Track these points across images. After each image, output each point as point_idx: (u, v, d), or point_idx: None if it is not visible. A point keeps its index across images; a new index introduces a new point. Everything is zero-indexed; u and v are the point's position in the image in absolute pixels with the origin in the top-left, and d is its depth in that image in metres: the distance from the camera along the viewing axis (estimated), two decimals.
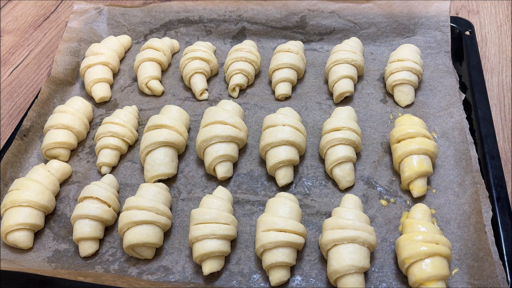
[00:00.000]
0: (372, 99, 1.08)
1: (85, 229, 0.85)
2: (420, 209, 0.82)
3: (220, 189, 0.89)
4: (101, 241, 0.89)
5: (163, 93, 1.16)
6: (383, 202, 0.89)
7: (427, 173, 0.88)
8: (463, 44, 1.13)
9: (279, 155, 0.91)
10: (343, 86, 1.05)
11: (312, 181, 0.94)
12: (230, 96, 1.13)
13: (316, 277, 0.80)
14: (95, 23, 1.29)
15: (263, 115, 1.07)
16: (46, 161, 1.01)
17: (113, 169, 1.01)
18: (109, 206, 0.88)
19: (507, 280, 0.73)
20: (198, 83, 1.13)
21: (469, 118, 0.98)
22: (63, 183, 0.99)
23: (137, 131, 1.07)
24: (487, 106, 0.99)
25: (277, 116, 0.96)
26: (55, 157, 1.01)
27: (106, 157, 0.99)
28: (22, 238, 0.87)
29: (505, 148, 1.00)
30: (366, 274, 0.79)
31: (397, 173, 0.93)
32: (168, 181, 0.97)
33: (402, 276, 0.78)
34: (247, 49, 1.14)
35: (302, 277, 0.81)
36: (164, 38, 1.25)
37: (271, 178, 0.95)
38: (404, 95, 1.05)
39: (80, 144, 1.07)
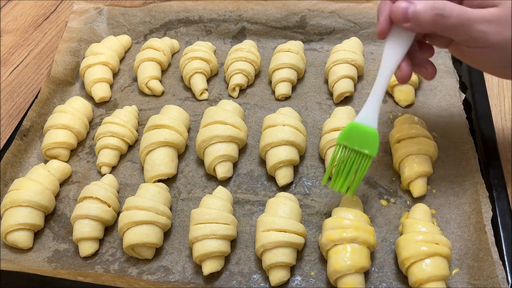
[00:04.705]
0: None
1: (85, 229, 0.85)
2: (420, 209, 0.82)
3: (220, 189, 0.89)
4: (101, 241, 0.89)
5: (163, 93, 1.16)
6: (383, 202, 0.89)
7: (427, 173, 0.88)
8: None
9: (279, 155, 0.91)
10: (343, 86, 1.05)
11: (312, 181, 0.94)
12: (230, 96, 1.13)
13: (316, 277, 0.80)
14: (95, 23, 1.29)
15: (263, 115, 1.06)
16: (46, 161, 1.01)
17: (113, 169, 1.01)
18: (109, 206, 0.88)
19: (507, 280, 0.73)
20: (198, 83, 1.12)
21: (469, 118, 0.98)
22: (63, 183, 0.99)
23: (137, 131, 1.06)
24: (487, 106, 0.99)
25: (277, 116, 0.96)
26: (55, 157, 1.01)
27: (106, 157, 0.99)
28: (22, 238, 0.87)
29: (505, 148, 1.00)
30: (366, 274, 0.79)
31: (397, 173, 0.93)
32: (168, 181, 0.97)
33: (402, 276, 0.78)
34: (247, 49, 1.14)
35: (302, 277, 0.81)
36: (164, 38, 1.25)
37: (271, 178, 0.95)
38: (404, 95, 1.04)
39: (80, 144, 1.07)
